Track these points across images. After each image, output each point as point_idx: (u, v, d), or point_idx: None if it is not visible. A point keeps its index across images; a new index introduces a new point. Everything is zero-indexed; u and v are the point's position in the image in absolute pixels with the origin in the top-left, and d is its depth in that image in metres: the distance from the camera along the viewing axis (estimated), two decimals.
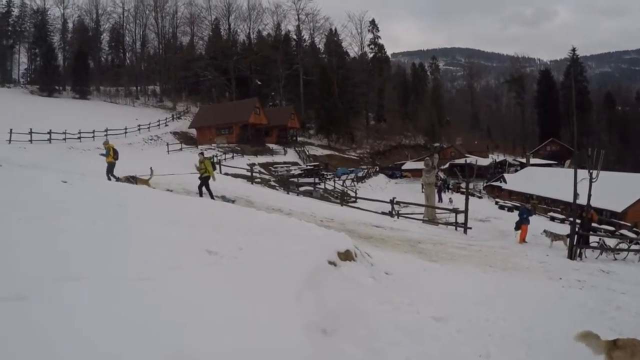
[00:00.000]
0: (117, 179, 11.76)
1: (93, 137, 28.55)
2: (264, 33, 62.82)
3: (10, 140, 22.88)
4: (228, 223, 5.88)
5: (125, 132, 33.44)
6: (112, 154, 12.43)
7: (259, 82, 53.70)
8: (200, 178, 11.88)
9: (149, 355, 1.84)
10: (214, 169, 12.56)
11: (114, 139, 30.57)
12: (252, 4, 60.63)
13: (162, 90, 55.89)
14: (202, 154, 13.74)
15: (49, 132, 25.43)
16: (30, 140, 23.67)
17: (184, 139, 38.68)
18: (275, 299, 2.76)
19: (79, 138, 27.44)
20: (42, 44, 51.63)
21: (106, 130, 30.48)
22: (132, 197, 7.08)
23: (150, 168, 12.58)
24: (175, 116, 46.02)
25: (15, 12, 54.16)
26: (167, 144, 33.08)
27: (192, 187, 12.82)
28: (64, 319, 2.04)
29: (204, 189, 11.77)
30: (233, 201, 12.66)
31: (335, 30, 64.12)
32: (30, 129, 24.15)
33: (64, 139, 25.64)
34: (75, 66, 49.84)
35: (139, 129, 35.70)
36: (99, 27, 57.06)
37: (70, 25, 56.93)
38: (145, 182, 11.67)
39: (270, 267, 3.42)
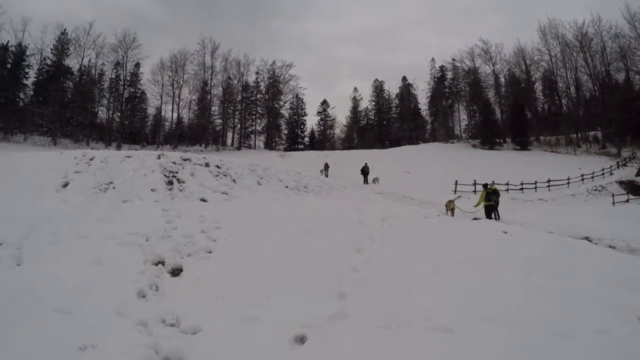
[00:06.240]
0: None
1: (535, 188, 28.67)
2: None
3: (455, 191, 24.53)
4: None
5: (568, 183, 33.30)
6: (483, 197, 13.09)
7: None
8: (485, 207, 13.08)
9: None
10: (491, 200, 12.92)
11: (556, 189, 30.89)
12: None
13: (603, 135, 51.06)
14: (485, 185, 14.22)
15: (485, 184, 26.09)
16: (474, 191, 24.74)
17: (631, 188, 33.70)
18: None
19: (521, 189, 27.56)
20: (478, 100, 56.42)
21: (548, 181, 31.02)
22: (568, 252, 6.91)
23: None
24: (620, 163, 40.94)
25: (449, 75, 62.53)
26: (613, 195, 29.77)
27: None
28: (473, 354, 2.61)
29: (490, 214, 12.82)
30: None
31: None
32: (474, 180, 25.61)
33: (507, 190, 25.24)
34: (512, 118, 51.96)
35: (582, 179, 34.45)
36: (530, 77, 58.41)
37: (502, 79, 60.89)
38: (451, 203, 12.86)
39: None
